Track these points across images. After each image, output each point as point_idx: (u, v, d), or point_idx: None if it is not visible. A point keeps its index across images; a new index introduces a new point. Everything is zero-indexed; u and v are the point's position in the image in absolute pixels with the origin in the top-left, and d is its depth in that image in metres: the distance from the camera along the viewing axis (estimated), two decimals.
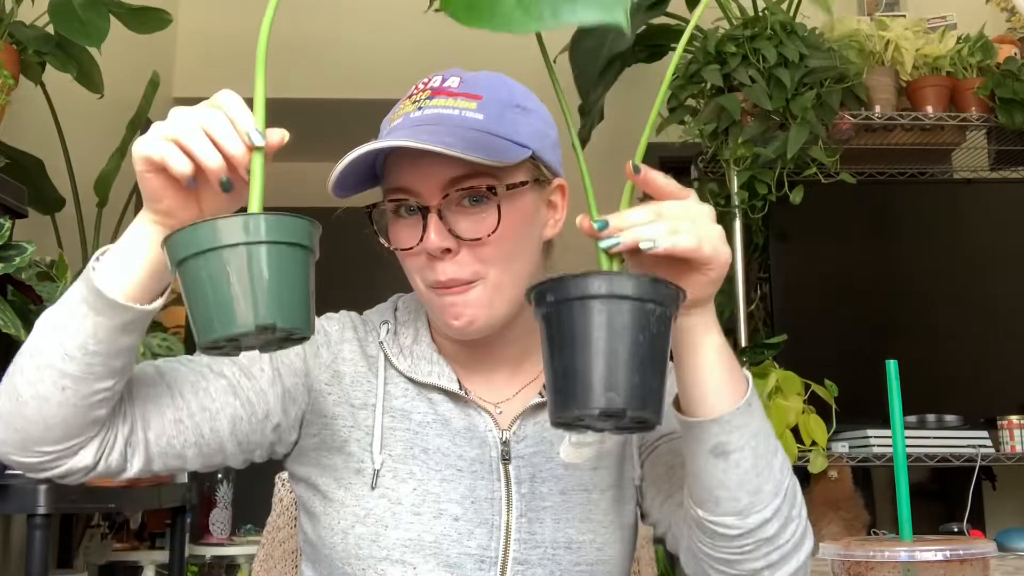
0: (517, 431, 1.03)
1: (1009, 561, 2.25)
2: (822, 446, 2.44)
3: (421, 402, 1.03)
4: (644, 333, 0.72)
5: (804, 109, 2.45)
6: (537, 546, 0.99)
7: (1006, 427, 2.59)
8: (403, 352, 1.05)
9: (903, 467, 0.81)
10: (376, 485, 0.99)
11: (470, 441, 1.02)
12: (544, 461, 1.02)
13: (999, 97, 2.68)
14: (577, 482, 1.02)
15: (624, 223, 0.79)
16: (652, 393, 0.73)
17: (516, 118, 1.00)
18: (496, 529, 0.99)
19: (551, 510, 1.01)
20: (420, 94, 1.01)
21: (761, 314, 2.76)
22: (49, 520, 1.82)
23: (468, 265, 0.97)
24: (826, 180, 2.53)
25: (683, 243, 0.79)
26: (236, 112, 0.77)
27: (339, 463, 1.01)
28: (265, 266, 0.70)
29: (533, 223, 1.02)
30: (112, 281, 0.82)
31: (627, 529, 1.06)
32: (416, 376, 1.03)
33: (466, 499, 0.99)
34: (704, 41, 2.60)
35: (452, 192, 0.96)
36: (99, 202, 2.78)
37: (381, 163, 1.01)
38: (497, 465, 1.01)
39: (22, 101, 2.46)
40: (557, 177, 1.05)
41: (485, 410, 1.03)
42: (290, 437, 1.03)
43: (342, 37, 3.89)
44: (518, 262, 1.00)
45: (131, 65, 3.12)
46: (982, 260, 2.84)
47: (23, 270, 1.78)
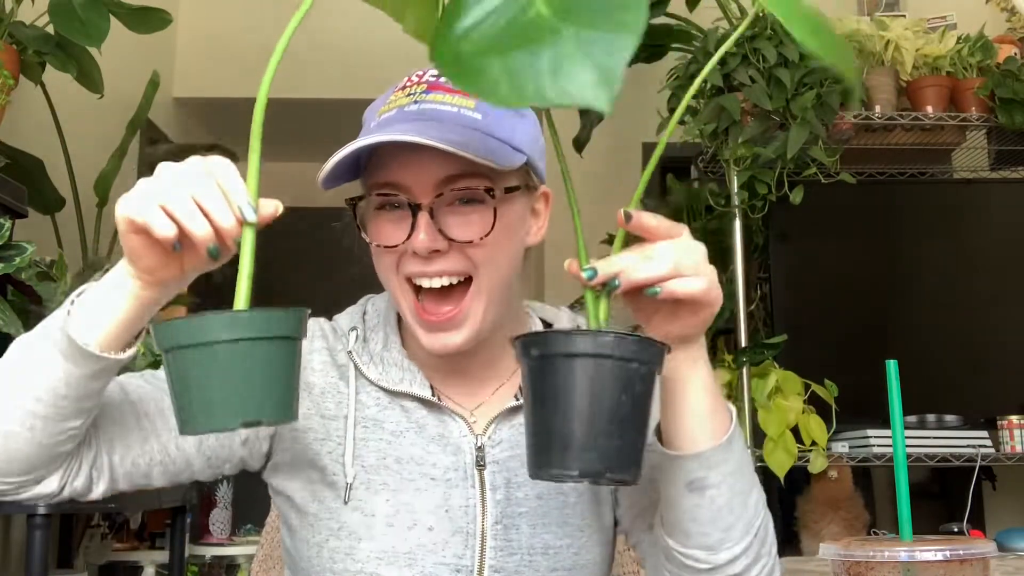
0: (492, 435, 1.01)
1: (1009, 561, 2.25)
2: (822, 446, 2.45)
3: (394, 410, 1.00)
4: (627, 393, 0.72)
5: (804, 109, 2.44)
6: (514, 553, 0.97)
7: (1006, 427, 2.59)
8: (373, 360, 1.02)
9: (903, 467, 0.81)
10: (349, 499, 0.97)
11: (444, 448, 0.99)
12: (520, 465, 0.99)
13: (999, 97, 2.68)
14: (553, 486, 1.00)
15: (612, 269, 0.78)
16: (634, 453, 0.73)
17: (513, 122, 0.97)
18: (471, 537, 0.97)
19: (527, 515, 0.99)
20: (415, 87, 0.98)
21: (761, 314, 2.76)
22: (49, 520, 1.82)
23: (458, 262, 0.94)
24: (826, 180, 2.53)
25: (691, 287, 0.78)
26: (229, 183, 0.74)
27: (313, 476, 1.00)
28: (253, 364, 0.69)
29: (521, 229, 1.00)
30: (86, 331, 0.80)
31: (606, 532, 1.04)
32: (387, 384, 1.00)
33: (440, 508, 0.97)
34: (704, 41, 2.60)
35: (446, 191, 0.93)
36: (99, 202, 2.78)
37: (367, 155, 0.97)
38: (472, 471, 0.99)
39: (22, 101, 2.46)
40: (543, 184, 1.04)
41: (459, 415, 1.01)
42: (261, 450, 1.01)
43: (339, 37, 3.89)
44: (505, 268, 0.97)
45: (131, 65, 3.12)
46: (982, 260, 2.84)
47: (23, 270, 1.78)
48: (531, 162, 0.99)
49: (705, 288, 0.79)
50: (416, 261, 0.94)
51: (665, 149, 0.79)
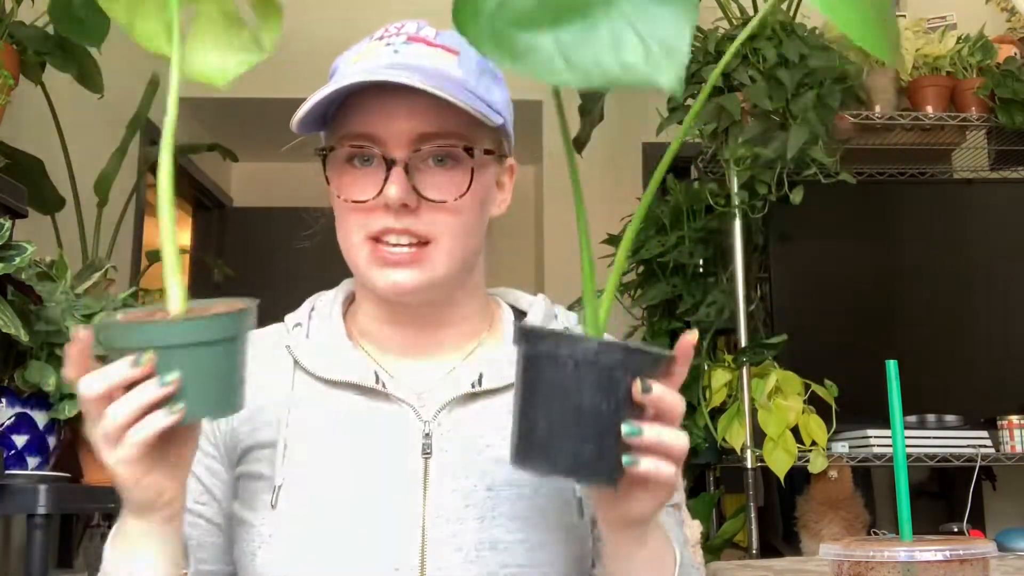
0: (443, 421, 0.94)
1: (1009, 561, 2.24)
2: (822, 446, 2.45)
3: (332, 404, 0.95)
4: (608, 399, 0.72)
5: (804, 109, 2.45)
6: (459, 549, 0.90)
7: (1006, 427, 2.59)
8: (318, 352, 0.98)
9: (903, 467, 0.81)
10: (276, 503, 0.91)
11: (386, 440, 0.93)
12: (471, 455, 0.93)
13: (999, 97, 2.68)
14: (506, 478, 0.92)
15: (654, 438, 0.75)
16: (609, 456, 0.74)
17: (490, 84, 0.95)
18: (413, 532, 0.90)
19: (475, 508, 0.91)
20: (394, 37, 0.94)
21: (761, 314, 2.76)
22: (49, 520, 1.82)
23: (425, 224, 0.91)
24: (826, 180, 2.53)
25: (666, 471, 0.76)
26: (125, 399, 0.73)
27: (249, 485, 0.96)
28: (191, 367, 0.72)
29: (490, 196, 0.97)
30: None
31: (569, 530, 0.94)
32: (330, 375, 0.95)
33: (378, 503, 0.91)
34: (704, 41, 2.61)
35: (424, 147, 0.90)
36: (99, 202, 2.78)
37: (337, 103, 0.92)
38: (416, 462, 0.92)
39: (22, 101, 2.46)
40: (510, 156, 1.01)
41: (405, 402, 0.95)
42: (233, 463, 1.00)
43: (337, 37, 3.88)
44: (472, 235, 0.94)
45: (131, 65, 3.11)
46: (982, 260, 2.84)
47: (23, 270, 1.77)
48: (505, 127, 0.97)
49: (671, 474, 0.77)
50: (383, 216, 0.90)
51: (665, 150, 0.79)
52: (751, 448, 2.45)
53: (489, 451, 0.93)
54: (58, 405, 1.87)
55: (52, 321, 1.86)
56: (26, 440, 1.87)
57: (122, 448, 0.74)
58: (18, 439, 1.86)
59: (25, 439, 1.87)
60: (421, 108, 0.89)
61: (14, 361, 1.85)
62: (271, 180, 4.59)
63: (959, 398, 2.73)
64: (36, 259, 2.04)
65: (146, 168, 3.38)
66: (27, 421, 1.87)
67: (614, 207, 2.78)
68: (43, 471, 1.90)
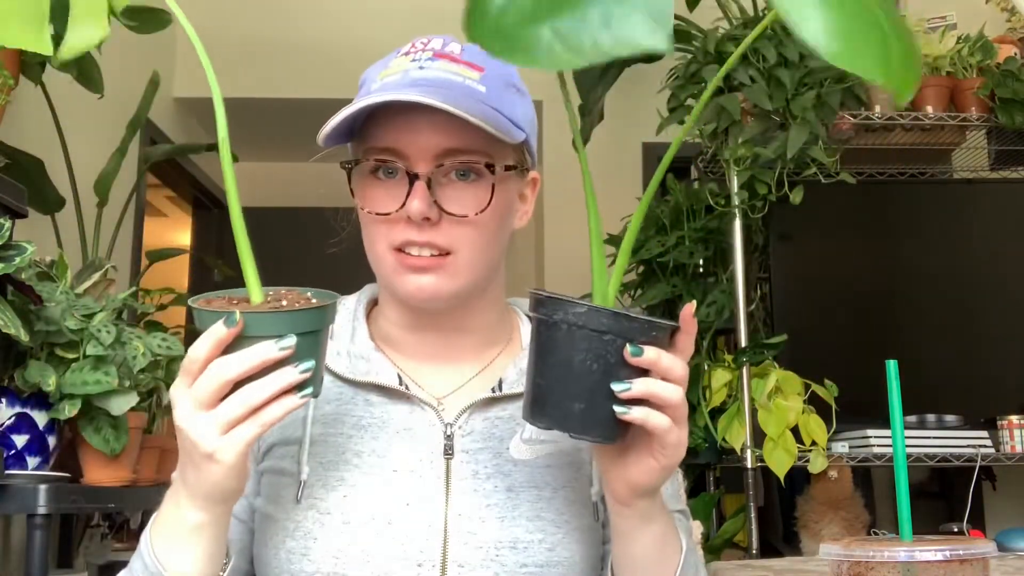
0: (463, 425, 0.98)
1: (1009, 561, 2.24)
2: (822, 446, 2.45)
3: (356, 405, 0.98)
4: (598, 362, 0.78)
5: (804, 109, 2.45)
6: (479, 547, 0.93)
7: (1006, 427, 2.59)
8: (340, 354, 1.00)
9: (903, 467, 0.81)
10: (302, 497, 0.94)
11: (409, 440, 0.96)
12: (491, 457, 0.97)
13: (999, 97, 2.68)
14: (527, 479, 0.96)
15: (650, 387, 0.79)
16: (602, 415, 0.79)
17: (514, 99, 0.97)
18: (434, 530, 0.93)
19: (496, 508, 0.95)
20: (420, 53, 0.96)
21: (761, 314, 2.76)
22: (49, 520, 1.82)
23: (447, 237, 0.93)
24: (826, 180, 2.53)
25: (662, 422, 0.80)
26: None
27: (273, 481, 0.98)
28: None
29: (512, 210, 1.00)
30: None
31: (587, 531, 0.98)
32: (353, 376, 0.98)
33: (401, 501, 0.94)
34: (704, 41, 2.61)
35: (446, 162, 0.92)
36: (99, 202, 2.78)
37: (363, 117, 0.95)
38: (438, 462, 0.96)
39: (22, 101, 2.46)
40: (533, 169, 1.03)
41: (427, 404, 0.98)
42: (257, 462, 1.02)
43: (336, 37, 3.89)
44: (492, 248, 0.97)
45: (131, 65, 3.12)
46: (982, 260, 2.84)
47: (23, 270, 1.77)
48: (528, 142, 0.98)
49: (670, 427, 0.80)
50: (406, 228, 0.93)
51: (665, 149, 0.80)
52: (751, 448, 2.45)
53: (509, 453, 0.97)
54: (58, 405, 1.87)
55: (52, 321, 1.86)
56: (26, 440, 1.87)
57: (248, 427, 0.77)
58: (18, 439, 1.87)
59: (25, 439, 1.87)
60: (444, 124, 0.91)
61: (14, 361, 1.86)
62: (271, 180, 4.59)
63: (959, 398, 2.73)
64: (36, 259, 2.04)
65: (146, 168, 3.38)
66: (27, 421, 1.88)
67: (614, 207, 2.77)
68: (43, 471, 1.90)
